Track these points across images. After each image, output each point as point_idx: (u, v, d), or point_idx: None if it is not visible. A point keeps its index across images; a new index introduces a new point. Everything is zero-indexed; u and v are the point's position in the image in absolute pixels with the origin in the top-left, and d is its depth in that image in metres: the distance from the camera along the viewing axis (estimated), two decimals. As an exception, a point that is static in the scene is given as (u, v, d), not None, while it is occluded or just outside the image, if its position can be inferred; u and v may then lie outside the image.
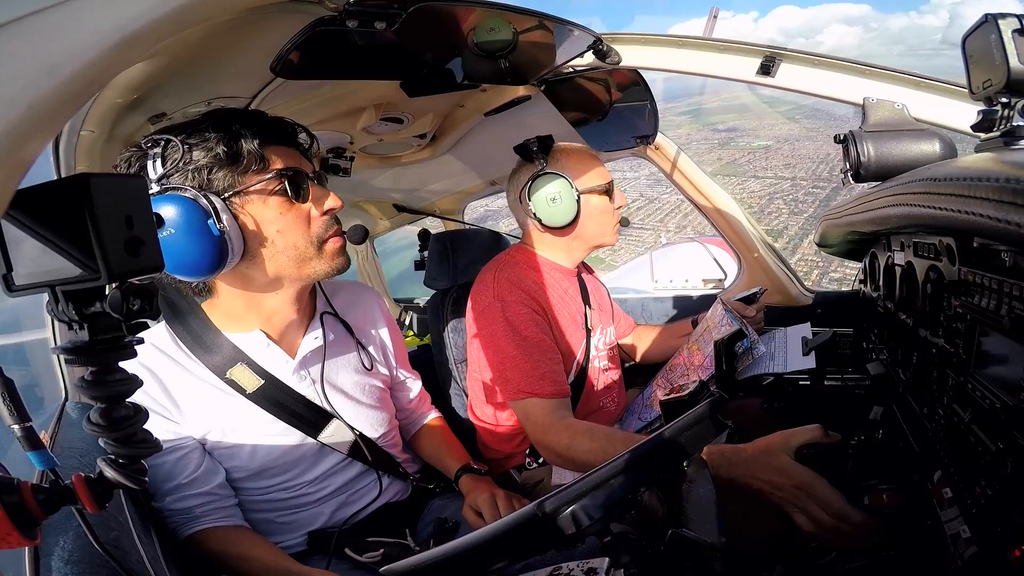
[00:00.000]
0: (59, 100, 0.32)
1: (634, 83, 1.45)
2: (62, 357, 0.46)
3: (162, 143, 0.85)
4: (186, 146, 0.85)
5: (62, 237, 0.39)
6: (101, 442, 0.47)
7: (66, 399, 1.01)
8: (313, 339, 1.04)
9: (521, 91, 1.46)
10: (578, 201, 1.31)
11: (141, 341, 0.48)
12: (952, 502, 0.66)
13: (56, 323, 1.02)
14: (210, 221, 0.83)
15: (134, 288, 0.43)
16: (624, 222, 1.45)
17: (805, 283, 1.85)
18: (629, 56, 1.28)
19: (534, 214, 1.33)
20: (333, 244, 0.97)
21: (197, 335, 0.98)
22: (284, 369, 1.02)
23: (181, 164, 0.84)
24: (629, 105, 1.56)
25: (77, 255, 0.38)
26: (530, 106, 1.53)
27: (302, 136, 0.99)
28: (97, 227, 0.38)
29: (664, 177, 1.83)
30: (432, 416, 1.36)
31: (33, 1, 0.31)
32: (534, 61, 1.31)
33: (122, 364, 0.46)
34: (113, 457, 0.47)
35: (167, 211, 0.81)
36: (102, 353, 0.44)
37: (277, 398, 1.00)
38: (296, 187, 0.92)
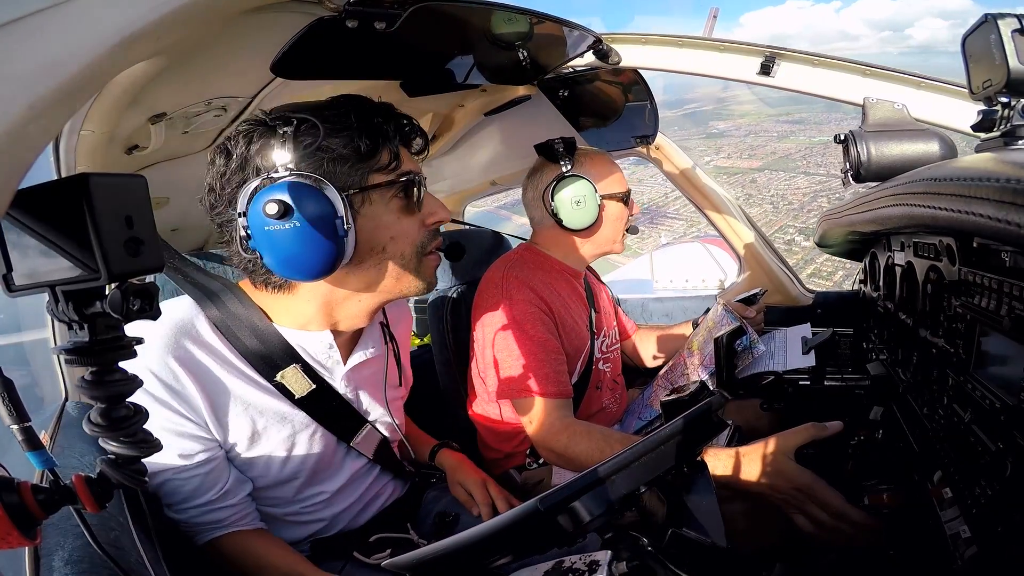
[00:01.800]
0: (59, 100, 0.32)
1: (634, 83, 1.45)
2: (62, 357, 0.45)
3: (295, 122, 0.76)
4: (326, 129, 0.77)
5: (62, 237, 0.39)
6: (101, 442, 0.47)
7: (66, 399, 1.01)
8: (371, 348, 0.99)
9: (521, 91, 1.46)
10: (599, 206, 1.33)
11: (141, 341, 0.47)
12: (952, 502, 0.66)
13: (56, 323, 1.02)
14: (338, 220, 0.75)
15: (134, 288, 0.43)
16: (632, 230, 1.46)
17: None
18: (629, 56, 1.28)
19: (555, 214, 1.34)
20: (433, 261, 0.92)
21: (240, 322, 0.87)
22: (336, 373, 0.95)
23: (315, 150, 0.76)
24: (629, 105, 1.56)
25: (77, 255, 0.38)
26: (530, 106, 1.53)
27: (417, 139, 0.92)
28: (97, 227, 0.38)
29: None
30: None
31: (33, 1, 0.31)
32: (534, 61, 1.31)
33: (122, 364, 0.46)
34: (113, 457, 0.47)
35: (296, 200, 0.73)
36: (102, 353, 0.44)
37: (323, 404, 0.93)
38: (418, 192, 0.86)
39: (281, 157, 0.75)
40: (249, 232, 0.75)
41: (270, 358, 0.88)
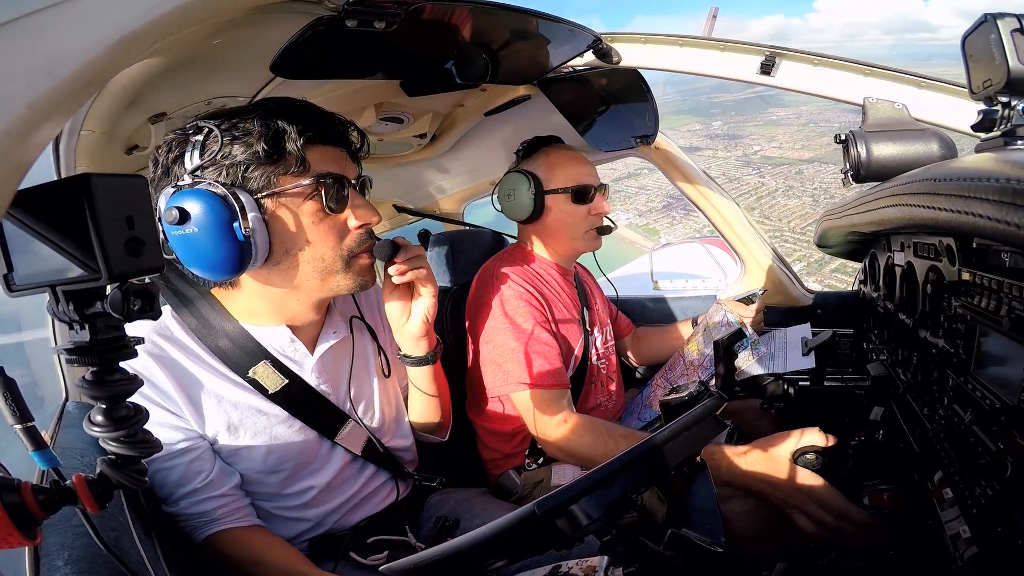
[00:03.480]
0: (59, 100, 0.32)
1: (634, 83, 1.45)
2: (63, 357, 0.45)
3: (204, 131, 0.81)
4: (226, 137, 0.80)
5: (63, 237, 0.39)
6: (101, 442, 0.47)
7: (66, 399, 1.01)
8: (332, 334, 1.01)
9: (521, 91, 1.46)
10: (540, 199, 1.35)
11: (141, 341, 0.48)
12: (952, 502, 0.66)
13: (56, 323, 1.02)
14: (236, 224, 0.78)
15: (135, 288, 0.43)
16: (603, 230, 1.44)
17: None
18: (629, 56, 1.28)
19: (501, 209, 1.43)
20: (364, 261, 0.92)
21: (212, 326, 0.92)
22: (305, 365, 0.98)
23: (218, 157, 0.80)
24: (629, 105, 1.56)
25: (78, 255, 0.39)
26: (530, 106, 1.53)
27: (353, 135, 0.92)
28: (98, 227, 0.38)
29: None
30: None
31: (33, 1, 0.31)
32: (534, 61, 1.31)
33: (123, 363, 0.46)
34: (113, 457, 0.47)
35: (193, 207, 0.77)
36: (103, 353, 0.44)
37: (298, 398, 0.96)
38: (334, 195, 0.86)
39: (190, 165, 0.80)
40: (166, 236, 0.79)
41: (242, 356, 0.93)
